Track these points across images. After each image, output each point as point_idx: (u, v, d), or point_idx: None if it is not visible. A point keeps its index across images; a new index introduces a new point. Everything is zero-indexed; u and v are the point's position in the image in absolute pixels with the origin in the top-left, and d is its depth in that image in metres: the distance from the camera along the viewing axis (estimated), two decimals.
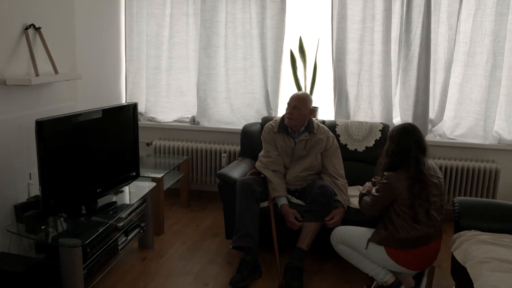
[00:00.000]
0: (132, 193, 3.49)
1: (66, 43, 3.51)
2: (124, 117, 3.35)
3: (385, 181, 2.83)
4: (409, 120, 4.16)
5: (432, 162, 2.96)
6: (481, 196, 4.10)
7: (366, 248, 2.89)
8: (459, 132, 4.20)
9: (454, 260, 2.88)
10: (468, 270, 2.56)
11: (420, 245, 2.82)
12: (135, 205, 3.36)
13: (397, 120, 4.30)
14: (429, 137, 4.23)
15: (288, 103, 3.43)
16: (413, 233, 2.78)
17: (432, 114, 4.21)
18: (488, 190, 4.09)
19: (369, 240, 2.87)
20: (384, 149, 2.93)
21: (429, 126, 4.21)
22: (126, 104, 3.43)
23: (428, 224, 2.81)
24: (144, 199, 3.48)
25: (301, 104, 3.40)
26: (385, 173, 2.85)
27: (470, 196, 4.11)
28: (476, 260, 2.55)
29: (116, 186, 3.28)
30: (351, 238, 2.97)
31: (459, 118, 4.19)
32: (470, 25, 4.00)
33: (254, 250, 3.20)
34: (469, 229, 2.91)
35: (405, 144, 2.82)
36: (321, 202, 3.21)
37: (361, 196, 3.08)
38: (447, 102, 4.15)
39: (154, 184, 3.61)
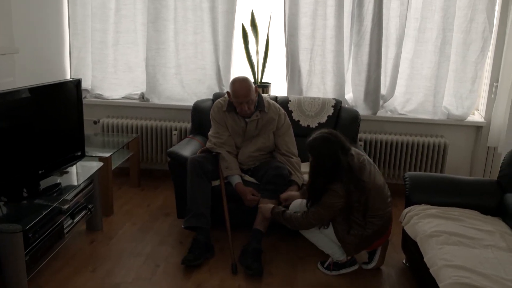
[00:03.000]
0: (78, 173, 3.34)
1: (1, 14, 3.27)
2: (67, 94, 3.17)
3: (332, 193, 2.71)
4: (362, 95, 4.17)
5: (354, 149, 2.88)
6: (430, 171, 4.19)
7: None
8: (410, 108, 4.24)
9: (404, 234, 2.93)
10: (419, 244, 2.60)
11: (386, 228, 2.86)
12: (82, 186, 3.22)
13: (349, 95, 4.30)
14: (380, 113, 4.27)
15: (239, 102, 3.24)
16: (379, 223, 2.80)
17: (383, 90, 4.23)
18: (437, 164, 4.17)
19: (347, 256, 2.92)
20: (312, 166, 2.79)
21: (381, 102, 4.23)
22: (69, 80, 3.25)
23: (382, 214, 2.84)
24: (91, 180, 3.34)
25: (250, 94, 3.26)
26: (327, 186, 2.74)
27: (420, 170, 4.19)
28: (426, 234, 2.59)
29: (60, 167, 3.12)
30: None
31: (409, 94, 4.23)
32: (421, 1, 4.00)
33: (206, 229, 3.14)
34: (420, 203, 2.96)
35: (332, 156, 2.70)
36: (278, 183, 3.17)
37: (282, 212, 2.91)
38: (398, 78, 4.18)
39: (101, 163, 3.47)
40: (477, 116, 4.30)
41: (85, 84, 4.51)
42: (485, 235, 2.57)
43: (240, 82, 3.29)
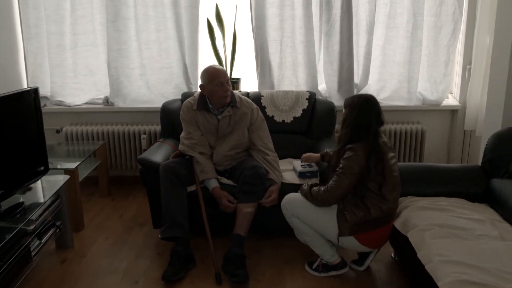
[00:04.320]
0: (43, 189, 3.11)
1: None
2: (24, 106, 2.92)
3: (352, 153, 2.61)
4: (335, 86, 4.05)
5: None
6: (409, 158, 4.12)
7: (337, 243, 2.75)
8: (384, 95, 4.15)
9: (392, 228, 2.81)
10: (410, 239, 2.50)
11: (388, 222, 2.70)
12: (48, 203, 2.99)
13: (322, 86, 4.18)
14: None
15: (220, 81, 3.10)
16: (384, 208, 2.63)
17: (357, 79, 4.12)
18: (415, 151, 4.10)
19: (339, 235, 2.70)
20: (344, 118, 2.72)
21: (355, 91, 4.12)
22: (25, 89, 3.00)
23: (393, 198, 2.68)
24: (57, 195, 3.11)
25: (228, 78, 3.17)
26: (348, 145, 2.64)
27: (399, 159, 4.11)
28: (418, 229, 2.49)
29: (22, 184, 2.88)
30: (307, 216, 2.76)
31: (383, 81, 4.13)
32: None
33: (185, 239, 2.97)
34: (405, 195, 2.86)
35: (366, 116, 2.65)
36: (255, 184, 3.01)
37: (309, 189, 2.76)
38: (371, 66, 4.07)
39: (67, 177, 3.24)
40: (451, 100, 4.24)
41: (44, 91, 4.25)
42: (476, 224, 2.49)
43: (214, 66, 3.25)
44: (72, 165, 3.46)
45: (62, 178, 3.21)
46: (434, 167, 3.05)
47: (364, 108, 2.67)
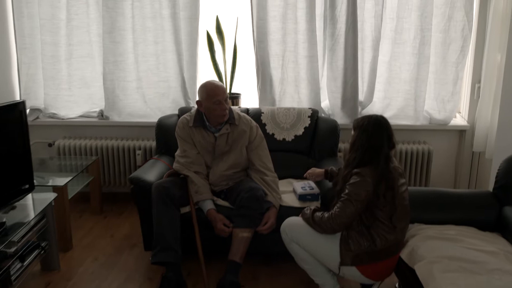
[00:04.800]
0: (28, 208, 2.95)
1: None
2: (10, 119, 2.77)
3: (359, 178, 2.42)
4: (339, 103, 3.89)
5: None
6: (415, 180, 3.94)
7: (338, 273, 2.55)
8: (390, 114, 3.97)
9: (398, 258, 2.63)
10: (417, 272, 2.31)
11: (394, 253, 2.51)
12: (32, 223, 2.82)
13: (325, 103, 4.02)
14: None
15: (218, 99, 2.94)
16: (391, 239, 2.45)
17: (361, 96, 3.96)
18: (422, 172, 3.93)
19: (340, 264, 2.50)
20: (352, 141, 2.55)
21: (359, 109, 3.96)
22: (11, 102, 2.84)
23: (401, 228, 2.50)
24: (43, 214, 2.94)
25: (227, 95, 3.03)
26: (355, 169, 2.46)
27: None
28: (426, 261, 2.31)
29: (5, 203, 2.72)
30: (307, 242, 2.57)
31: (388, 99, 3.97)
32: (396, 0, 3.75)
33: (176, 264, 2.79)
34: (412, 222, 2.68)
35: (378, 139, 2.48)
36: (252, 207, 2.84)
37: (312, 214, 2.57)
38: (376, 82, 3.91)
39: (55, 194, 3.08)
40: (459, 120, 4.08)
41: (37, 103, 4.13)
42: (489, 257, 2.30)
43: (213, 82, 3.06)
44: (62, 182, 3.30)
45: (49, 196, 3.05)
46: (443, 192, 2.87)
47: (375, 130, 2.49)
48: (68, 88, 4.07)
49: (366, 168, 2.45)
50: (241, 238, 2.81)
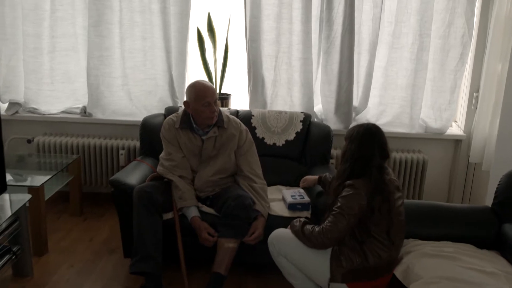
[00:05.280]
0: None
1: None
2: None
3: (352, 191, 2.27)
4: (332, 108, 3.75)
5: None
6: (408, 189, 3.81)
7: None
8: (384, 120, 3.84)
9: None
10: None
11: (387, 272, 2.37)
12: (3, 226, 2.64)
13: (318, 108, 3.88)
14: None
15: (207, 101, 2.77)
16: (384, 256, 2.30)
17: (356, 101, 3.82)
18: (415, 182, 3.80)
19: (330, 281, 2.34)
20: (342, 152, 2.42)
21: (353, 114, 3.82)
22: None
23: (396, 245, 2.36)
24: (16, 216, 2.76)
25: (216, 97, 2.86)
26: (347, 181, 2.31)
27: None
28: (422, 281, 2.17)
29: None
30: (296, 256, 2.42)
31: (384, 105, 3.84)
32: (395, 3, 3.61)
33: (156, 275, 2.62)
34: (407, 237, 2.54)
35: (367, 149, 2.33)
36: (239, 216, 2.68)
37: (301, 227, 2.41)
38: (371, 88, 3.78)
39: (29, 196, 2.90)
40: (455, 129, 3.96)
41: (17, 97, 3.95)
42: (488, 279, 2.17)
43: (203, 82, 2.89)
44: (39, 182, 3.12)
45: (23, 198, 2.86)
46: (439, 206, 2.74)
47: (366, 140, 2.35)
48: (50, 82, 3.89)
49: (359, 180, 2.30)
50: (226, 248, 2.65)
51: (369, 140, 2.36)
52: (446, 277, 2.16)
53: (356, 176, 2.31)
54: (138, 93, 3.85)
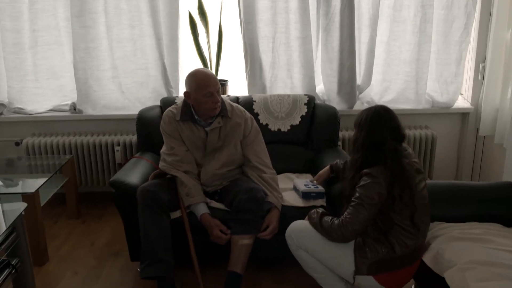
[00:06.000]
0: None
1: None
2: None
3: (370, 180, 2.13)
4: (335, 87, 3.59)
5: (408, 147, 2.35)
6: None
7: (353, 283, 2.26)
8: (389, 97, 3.69)
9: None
10: (448, 281, 2.04)
11: (415, 260, 2.24)
12: (0, 239, 2.45)
13: (320, 88, 3.71)
14: (356, 106, 3.70)
15: (209, 91, 2.60)
16: (411, 244, 2.18)
17: (358, 79, 3.66)
18: (425, 159, 3.68)
19: (355, 274, 2.21)
20: (353, 140, 2.28)
21: (357, 93, 3.67)
22: None
23: (422, 232, 2.23)
24: (13, 228, 2.56)
25: (219, 86, 2.68)
26: (364, 170, 2.17)
27: None
28: (456, 268, 2.04)
29: None
30: (317, 249, 2.28)
31: (387, 82, 3.68)
32: None
33: (169, 278, 2.47)
34: (431, 220, 2.41)
35: (378, 134, 2.18)
36: (252, 210, 2.53)
37: (319, 219, 2.28)
38: (374, 65, 3.62)
39: (25, 205, 2.70)
40: (461, 102, 3.82)
41: (0, 97, 3.69)
42: None
43: (204, 70, 2.72)
44: (32, 187, 2.93)
45: (19, 207, 2.66)
46: (461, 185, 2.63)
47: (374, 125, 2.20)
48: (34, 79, 3.66)
49: (376, 168, 2.16)
50: (241, 246, 2.50)
51: (379, 124, 2.21)
52: (479, 262, 2.03)
53: (371, 164, 2.16)
54: (130, 85, 3.64)
